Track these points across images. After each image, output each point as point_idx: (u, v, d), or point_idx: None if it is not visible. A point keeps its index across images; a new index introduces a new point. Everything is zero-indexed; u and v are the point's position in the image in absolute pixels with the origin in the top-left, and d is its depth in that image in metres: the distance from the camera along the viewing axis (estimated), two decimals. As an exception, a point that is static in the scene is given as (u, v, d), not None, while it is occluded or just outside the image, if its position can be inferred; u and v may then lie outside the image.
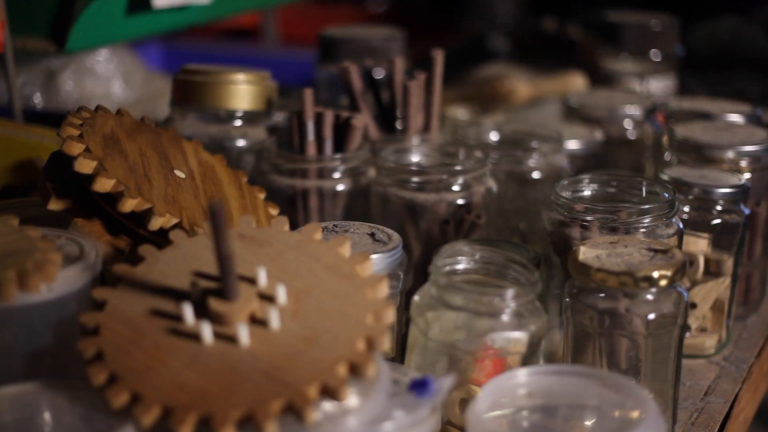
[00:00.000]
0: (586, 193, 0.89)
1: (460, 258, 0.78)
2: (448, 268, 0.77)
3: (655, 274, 0.76)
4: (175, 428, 0.64)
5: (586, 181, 0.89)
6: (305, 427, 0.65)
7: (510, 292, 0.73)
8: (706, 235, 0.97)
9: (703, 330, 0.99)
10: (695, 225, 0.97)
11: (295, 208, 0.97)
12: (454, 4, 2.07)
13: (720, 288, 0.98)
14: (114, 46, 1.29)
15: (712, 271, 0.98)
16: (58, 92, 1.20)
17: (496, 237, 0.99)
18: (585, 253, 0.79)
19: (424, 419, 0.68)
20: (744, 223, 0.98)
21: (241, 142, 1.01)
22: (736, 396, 0.93)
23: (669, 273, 0.77)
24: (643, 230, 0.84)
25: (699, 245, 0.97)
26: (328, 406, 0.67)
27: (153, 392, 0.66)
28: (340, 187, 0.97)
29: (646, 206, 0.84)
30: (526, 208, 1.02)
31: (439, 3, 2.14)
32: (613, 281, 0.76)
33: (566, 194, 0.86)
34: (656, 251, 0.79)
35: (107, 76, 1.26)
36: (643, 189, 0.88)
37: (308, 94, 0.98)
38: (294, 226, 0.83)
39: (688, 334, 0.98)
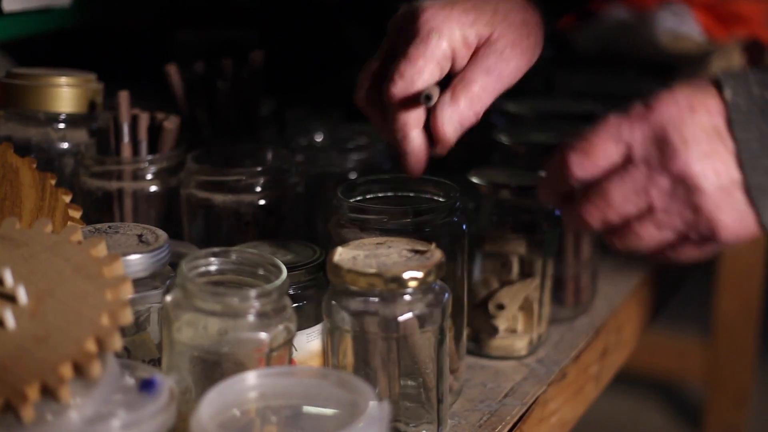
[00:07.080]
0: (374, 195, 0.89)
1: (213, 260, 0.78)
2: (202, 269, 0.78)
3: (405, 275, 0.77)
4: None
5: (372, 182, 0.89)
6: (24, 426, 0.67)
7: (252, 293, 0.74)
8: (517, 236, 0.97)
9: (513, 331, 0.98)
10: (506, 226, 0.97)
11: (111, 211, 0.98)
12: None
13: (528, 289, 0.97)
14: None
15: (527, 272, 0.98)
16: None
17: (316, 238, 1.00)
18: (342, 254, 0.79)
19: (149, 418, 0.69)
20: (553, 224, 0.98)
21: (63, 145, 1.02)
22: (537, 398, 0.93)
23: (420, 274, 0.77)
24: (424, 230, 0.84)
25: (513, 246, 0.98)
26: (54, 405, 0.68)
27: None
28: (153, 189, 0.98)
29: (421, 206, 0.85)
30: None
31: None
32: (363, 282, 0.77)
33: (346, 196, 0.86)
34: (416, 252, 0.80)
35: (-26, 80, 1.28)
36: (429, 191, 0.88)
37: (123, 96, 0.99)
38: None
39: (497, 335, 0.98)
